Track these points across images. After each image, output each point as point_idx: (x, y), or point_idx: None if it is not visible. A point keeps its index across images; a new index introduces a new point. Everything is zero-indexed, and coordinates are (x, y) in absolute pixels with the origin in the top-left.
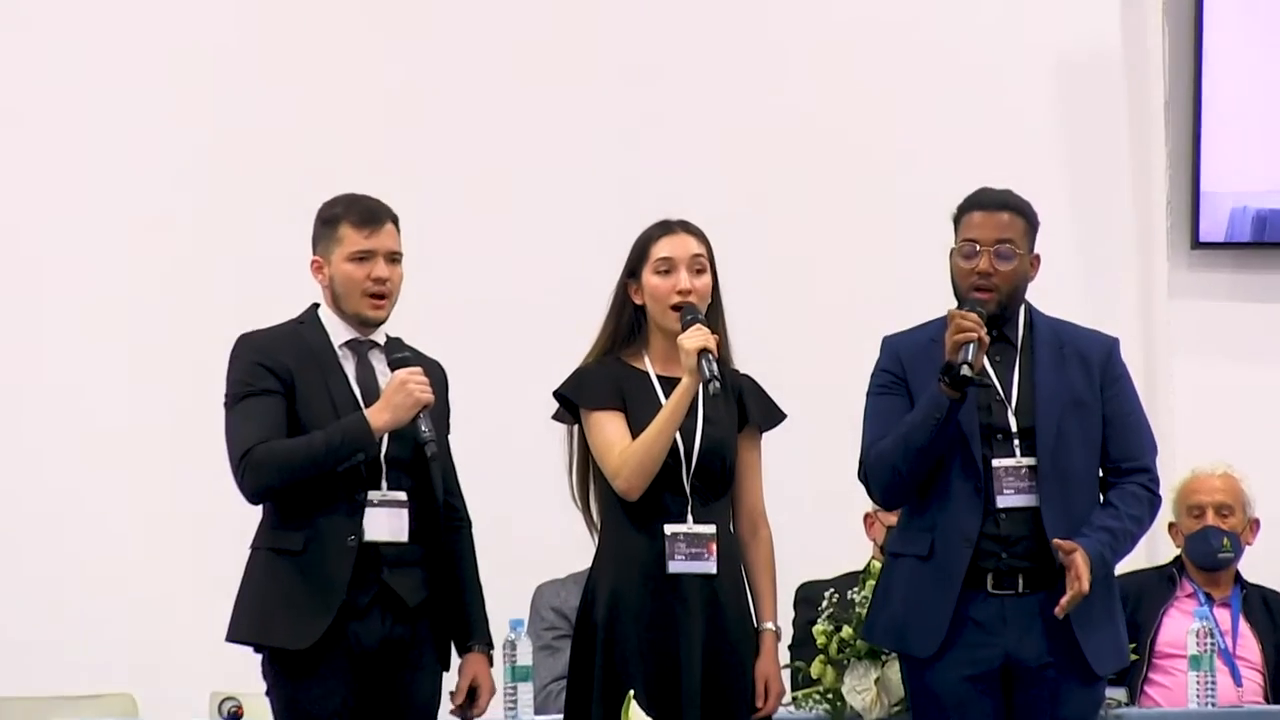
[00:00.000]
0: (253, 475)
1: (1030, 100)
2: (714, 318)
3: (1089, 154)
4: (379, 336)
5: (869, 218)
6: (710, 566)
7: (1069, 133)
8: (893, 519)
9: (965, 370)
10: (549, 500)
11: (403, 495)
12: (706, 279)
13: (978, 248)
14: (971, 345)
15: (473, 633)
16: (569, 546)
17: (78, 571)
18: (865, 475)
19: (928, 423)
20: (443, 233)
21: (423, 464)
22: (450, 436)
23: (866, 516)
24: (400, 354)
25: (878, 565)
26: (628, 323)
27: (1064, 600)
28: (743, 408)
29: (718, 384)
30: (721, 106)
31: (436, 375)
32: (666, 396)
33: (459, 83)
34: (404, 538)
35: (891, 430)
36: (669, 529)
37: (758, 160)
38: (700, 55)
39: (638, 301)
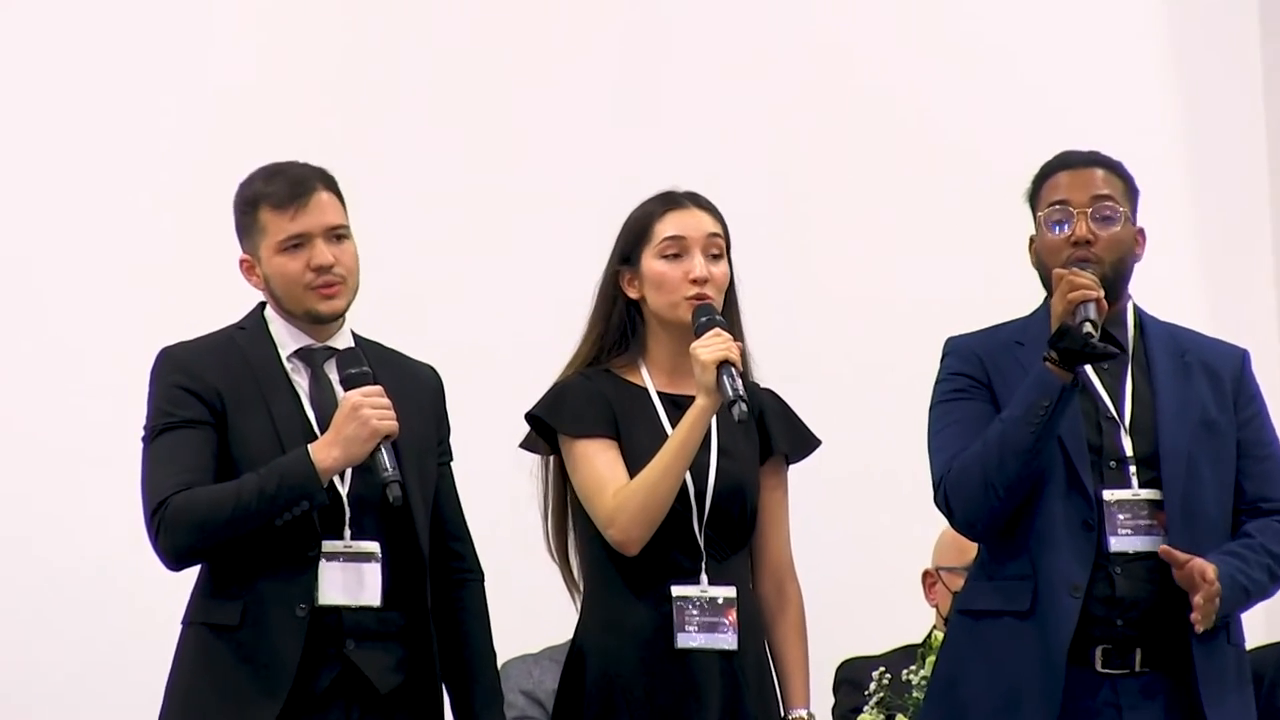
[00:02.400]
0: (168, 534)
1: (1135, 37)
2: (729, 319)
3: (1211, 106)
4: (340, 340)
5: (931, 197)
6: (729, 640)
7: (1184, 79)
8: (959, 581)
9: (1088, 328)
10: (517, 553)
11: (373, 545)
12: (724, 267)
13: (1071, 210)
14: (1091, 305)
15: (480, 718)
16: (543, 612)
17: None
18: (945, 496)
19: (1032, 415)
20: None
21: (401, 504)
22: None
23: (926, 574)
24: (355, 369)
25: (941, 638)
26: (619, 324)
27: (1198, 612)
28: (765, 433)
29: (744, 406)
30: (750, 65)
31: (426, 384)
32: (671, 420)
33: (456, 53)
34: (374, 601)
35: (980, 438)
36: (677, 591)
37: (791, 124)
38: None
39: (632, 295)
